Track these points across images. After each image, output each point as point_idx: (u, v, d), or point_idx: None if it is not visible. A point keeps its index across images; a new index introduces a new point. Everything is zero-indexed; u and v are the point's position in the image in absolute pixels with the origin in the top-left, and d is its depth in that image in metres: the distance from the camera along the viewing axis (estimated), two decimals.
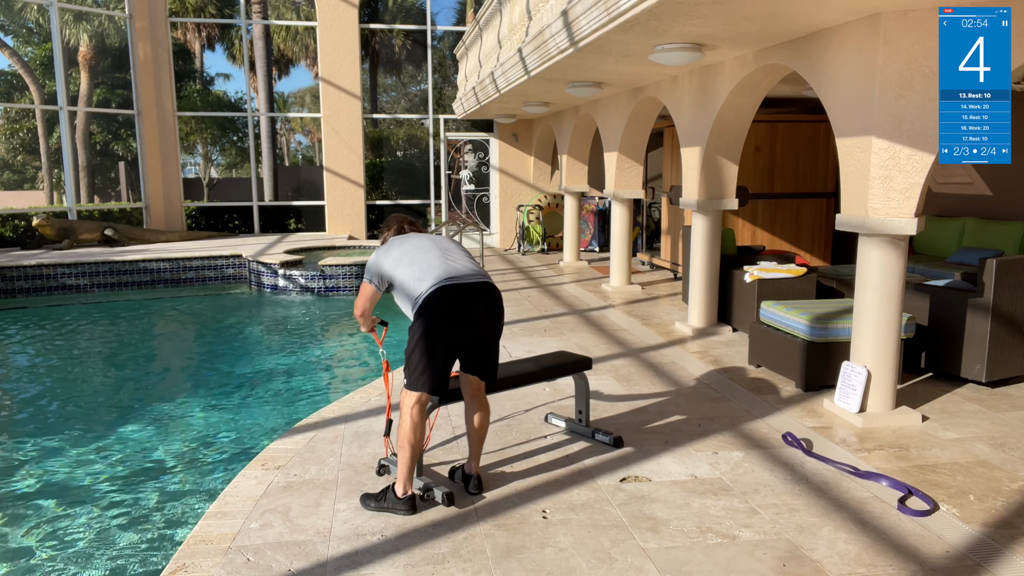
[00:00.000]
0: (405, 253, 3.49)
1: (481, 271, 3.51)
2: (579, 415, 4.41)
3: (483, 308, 3.41)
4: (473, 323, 3.40)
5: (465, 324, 3.38)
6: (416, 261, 3.44)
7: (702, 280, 6.92)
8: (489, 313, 3.44)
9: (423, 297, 3.33)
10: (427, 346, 3.36)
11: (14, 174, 25.96)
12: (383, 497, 3.48)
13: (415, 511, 3.44)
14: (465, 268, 3.45)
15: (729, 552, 3.11)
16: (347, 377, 6.80)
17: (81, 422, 5.62)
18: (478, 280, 3.43)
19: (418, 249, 3.49)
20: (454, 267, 3.43)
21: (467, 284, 3.39)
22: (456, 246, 3.61)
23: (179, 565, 3.03)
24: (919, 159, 4.27)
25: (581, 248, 13.61)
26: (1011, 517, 3.37)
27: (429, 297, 3.33)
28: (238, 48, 25.81)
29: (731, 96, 6.20)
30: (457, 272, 3.41)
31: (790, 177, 9.97)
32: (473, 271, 3.46)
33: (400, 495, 3.44)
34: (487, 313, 3.43)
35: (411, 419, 3.40)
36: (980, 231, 8.08)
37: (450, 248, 3.56)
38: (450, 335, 3.36)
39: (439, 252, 3.48)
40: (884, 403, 4.57)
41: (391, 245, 3.58)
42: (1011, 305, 5.08)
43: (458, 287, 3.37)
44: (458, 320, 3.35)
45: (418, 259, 3.44)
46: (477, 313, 3.40)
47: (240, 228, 15.06)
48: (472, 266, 3.50)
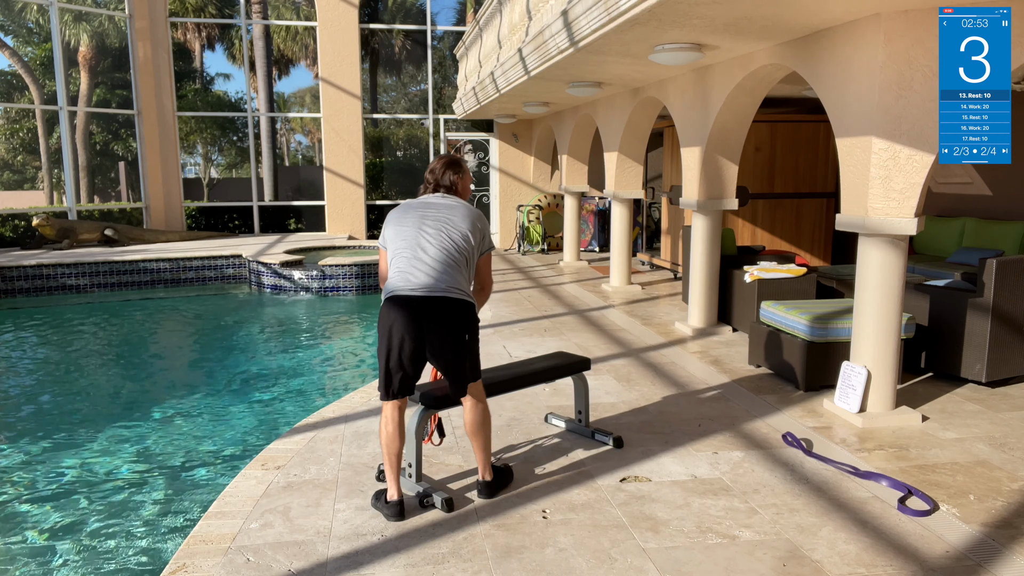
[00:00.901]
0: (395, 235, 3.42)
1: (440, 280, 3.29)
2: (579, 415, 4.41)
3: (426, 324, 3.28)
4: (416, 338, 3.30)
5: (408, 339, 3.29)
6: (395, 252, 3.38)
7: (702, 280, 6.92)
8: (434, 329, 3.29)
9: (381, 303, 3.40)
10: (380, 353, 3.39)
11: (14, 174, 25.96)
12: (377, 497, 3.49)
13: (401, 518, 3.38)
14: (422, 275, 3.28)
15: (729, 552, 3.11)
16: (347, 377, 6.80)
17: (80, 422, 5.62)
18: (425, 294, 3.27)
19: (402, 236, 3.38)
20: (411, 273, 3.29)
21: (411, 297, 3.27)
22: (437, 238, 3.35)
23: (179, 565, 3.03)
24: (919, 159, 4.27)
25: (581, 248, 13.61)
26: (1011, 517, 3.37)
27: (383, 306, 3.38)
28: (238, 48, 25.80)
29: (731, 96, 6.20)
30: (408, 282, 3.28)
31: (790, 177, 9.97)
32: (427, 282, 3.27)
33: (388, 499, 3.43)
34: (431, 329, 3.29)
35: (381, 422, 3.47)
36: (980, 231, 8.08)
37: (428, 243, 3.34)
38: (395, 347, 3.32)
39: (413, 248, 3.33)
40: (884, 403, 4.57)
41: (397, 212, 3.49)
42: (1011, 305, 5.08)
43: (401, 300, 3.29)
44: (400, 335, 3.29)
45: (398, 250, 3.38)
46: (419, 329, 3.29)
47: (240, 228, 15.06)
48: (433, 272, 3.29)
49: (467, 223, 3.42)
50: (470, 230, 3.42)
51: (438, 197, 3.51)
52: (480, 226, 3.47)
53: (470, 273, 3.47)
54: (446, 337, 3.33)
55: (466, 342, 3.38)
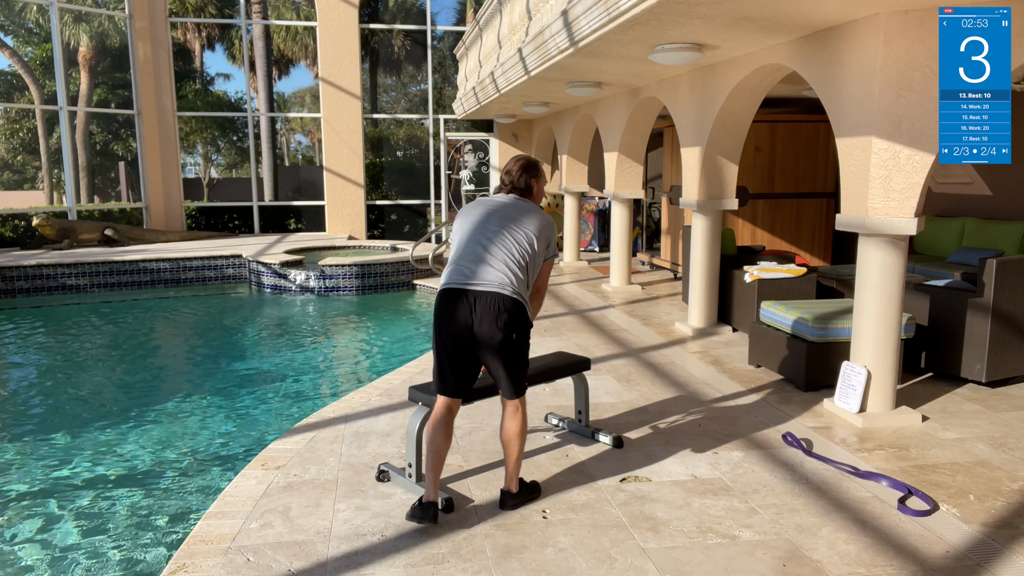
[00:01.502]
0: (459, 229, 3.42)
1: (493, 276, 3.25)
2: (579, 415, 4.41)
3: (474, 319, 3.23)
4: (465, 332, 3.26)
5: (458, 332, 3.27)
6: (456, 246, 3.38)
7: (702, 280, 6.92)
8: (481, 324, 3.23)
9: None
10: (433, 347, 3.40)
11: (14, 174, 25.96)
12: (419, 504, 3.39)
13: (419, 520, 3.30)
14: (477, 269, 3.26)
15: (729, 552, 3.11)
16: (347, 377, 6.80)
17: (80, 421, 5.62)
18: (478, 288, 3.23)
19: (466, 232, 3.38)
20: (466, 267, 3.28)
21: (462, 290, 3.25)
22: (498, 237, 3.31)
23: (179, 565, 3.03)
24: (919, 159, 4.27)
25: (581, 248, 13.61)
26: (1011, 517, 3.37)
27: (436, 297, 3.36)
28: (238, 48, 25.80)
29: (731, 96, 6.20)
30: (462, 275, 3.27)
31: (790, 177, 9.97)
32: (480, 277, 3.25)
33: (423, 499, 3.36)
34: (479, 325, 3.23)
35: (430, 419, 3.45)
36: (980, 231, 8.08)
37: (489, 240, 3.31)
38: (447, 341, 3.31)
39: (474, 244, 3.31)
40: (884, 403, 4.57)
41: (467, 207, 3.49)
42: (1011, 305, 5.08)
43: (453, 292, 3.27)
44: (449, 327, 3.27)
45: (459, 244, 3.38)
46: (468, 323, 3.24)
47: (240, 228, 15.06)
48: (487, 268, 3.26)
49: (534, 227, 3.37)
50: (536, 234, 3.36)
51: (511, 198, 3.47)
52: (548, 233, 3.42)
53: (529, 277, 3.37)
54: (493, 332, 3.25)
55: (513, 340, 3.28)
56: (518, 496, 3.52)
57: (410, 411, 4.73)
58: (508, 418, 3.43)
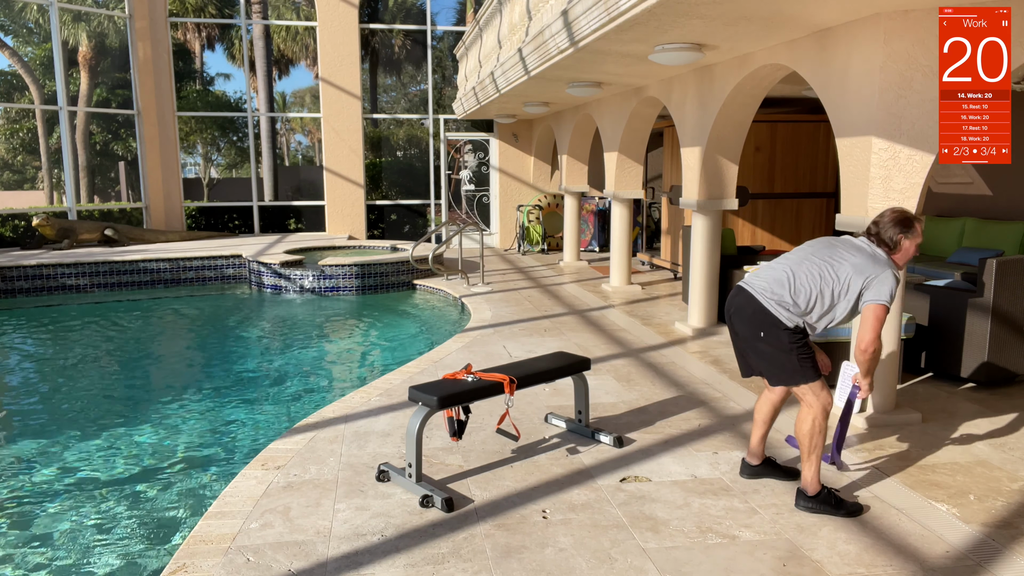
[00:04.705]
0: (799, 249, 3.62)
1: (770, 285, 3.38)
2: (579, 415, 4.41)
3: (731, 313, 3.54)
4: (731, 327, 3.60)
5: (729, 322, 3.59)
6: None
7: (702, 280, 6.92)
8: (737, 320, 3.52)
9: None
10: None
11: (14, 174, 25.96)
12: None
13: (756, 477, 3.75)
14: (756, 275, 3.52)
15: (729, 552, 3.11)
16: (347, 377, 6.80)
17: (80, 422, 5.62)
18: (740, 287, 3.52)
19: (798, 250, 3.57)
20: (762, 271, 3.52)
21: (739, 287, 3.53)
22: (810, 262, 3.38)
23: (179, 565, 3.03)
24: (919, 159, 4.27)
25: (581, 248, 13.61)
26: (1011, 517, 3.37)
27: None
28: (238, 48, 25.81)
29: (731, 96, 6.20)
30: (755, 275, 3.52)
31: (790, 177, 9.97)
32: (755, 280, 3.47)
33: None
34: (734, 320, 3.54)
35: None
36: (980, 231, 8.08)
37: (801, 261, 3.42)
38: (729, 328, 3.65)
39: (790, 259, 3.49)
40: (884, 403, 4.57)
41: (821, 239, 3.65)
42: (1011, 305, 5.08)
43: (737, 288, 3.56)
44: (728, 317, 3.60)
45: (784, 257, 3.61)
46: (730, 319, 3.57)
47: (240, 228, 15.06)
48: (774, 280, 3.40)
49: (855, 269, 3.28)
50: (853, 273, 3.27)
51: (863, 242, 3.42)
52: (870, 284, 3.26)
53: (827, 308, 3.33)
54: (745, 330, 3.49)
55: (761, 338, 3.41)
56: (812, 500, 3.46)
57: (410, 411, 4.73)
58: (798, 413, 3.63)
